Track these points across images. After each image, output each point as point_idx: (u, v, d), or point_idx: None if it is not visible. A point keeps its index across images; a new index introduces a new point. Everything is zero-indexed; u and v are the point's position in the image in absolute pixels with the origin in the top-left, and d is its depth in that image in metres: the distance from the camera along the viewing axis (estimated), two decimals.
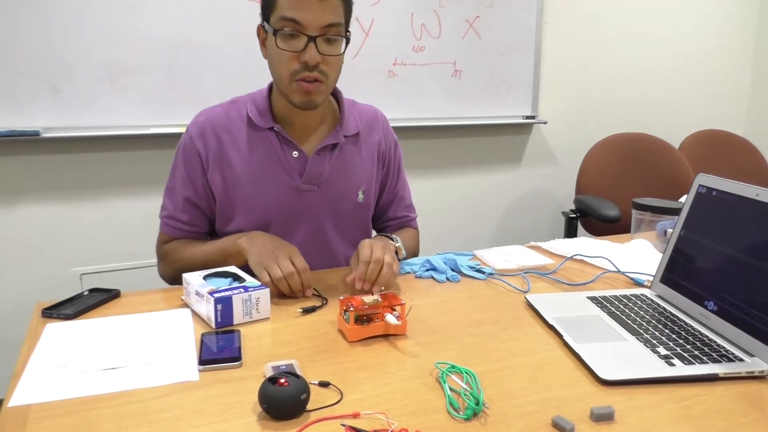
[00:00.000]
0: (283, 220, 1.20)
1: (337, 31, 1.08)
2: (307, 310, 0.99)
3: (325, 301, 1.03)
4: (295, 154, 1.19)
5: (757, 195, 0.90)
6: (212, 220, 1.24)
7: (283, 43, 1.06)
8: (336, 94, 1.26)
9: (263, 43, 1.15)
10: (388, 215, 1.38)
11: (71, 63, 1.84)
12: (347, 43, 1.12)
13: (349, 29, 1.12)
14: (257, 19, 1.14)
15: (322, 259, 1.24)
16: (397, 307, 0.90)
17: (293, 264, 1.03)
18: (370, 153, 1.28)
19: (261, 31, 1.14)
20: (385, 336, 0.89)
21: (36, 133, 1.81)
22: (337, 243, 1.27)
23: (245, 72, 2.02)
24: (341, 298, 0.91)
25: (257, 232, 1.14)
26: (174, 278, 1.22)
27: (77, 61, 1.84)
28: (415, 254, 1.36)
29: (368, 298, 0.90)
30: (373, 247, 1.05)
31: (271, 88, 1.20)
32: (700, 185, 1.04)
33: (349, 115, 1.25)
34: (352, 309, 0.87)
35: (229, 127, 1.18)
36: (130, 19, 1.88)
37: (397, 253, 1.17)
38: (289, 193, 1.19)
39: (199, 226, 1.24)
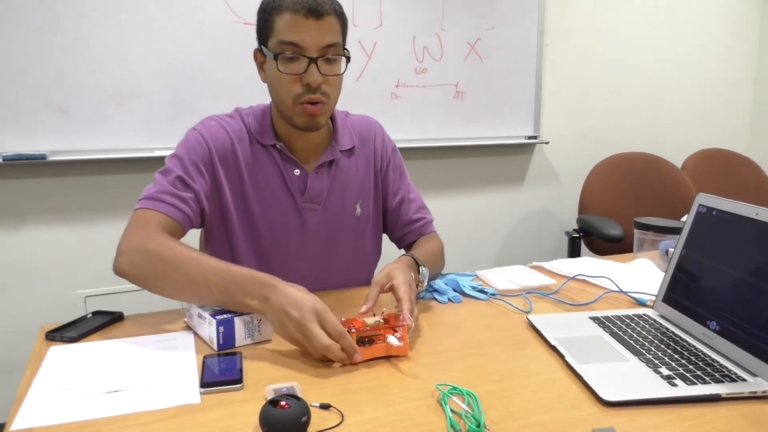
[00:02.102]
0: (282, 241, 1.20)
1: (337, 51, 1.09)
2: None
3: None
4: (297, 172, 1.19)
5: (756, 214, 0.90)
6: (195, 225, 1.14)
7: (284, 66, 1.07)
8: None
9: (261, 67, 1.15)
10: (403, 219, 1.34)
11: (77, 87, 1.87)
12: (348, 61, 1.13)
13: (347, 47, 1.13)
14: (255, 43, 1.15)
15: (321, 279, 1.23)
16: (398, 329, 0.90)
17: (326, 330, 0.86)
18: (365, 164, 1.29)
19: (258, 55, 1.15)
20: (387, 357, 0.89)
21: (42, 157, 1.83)
22: (336, 262, 1.26)
23: (248, 94, 2.03)
24: (342, 320, 0.91)
25: (272, 290, 0.90)
26: (140, 273, 0.99)
27: (83, 85, 1.87)
28: (440, 272, 1.32)
29: (370, 320, 0.90)
30: (411, 288, 1.01)
31: (271, 106, 1.21)
32: (700, 205, 1.04)
33: (343, 128, 1.26)
34: (354, 331, 0.87)
35: (240, 137, 1.18)
36: (135, 44, 1.92)
37: (418, 285, 1.09)
38: (291, 214, 1.20)
39: (191, 216, 1.09)
